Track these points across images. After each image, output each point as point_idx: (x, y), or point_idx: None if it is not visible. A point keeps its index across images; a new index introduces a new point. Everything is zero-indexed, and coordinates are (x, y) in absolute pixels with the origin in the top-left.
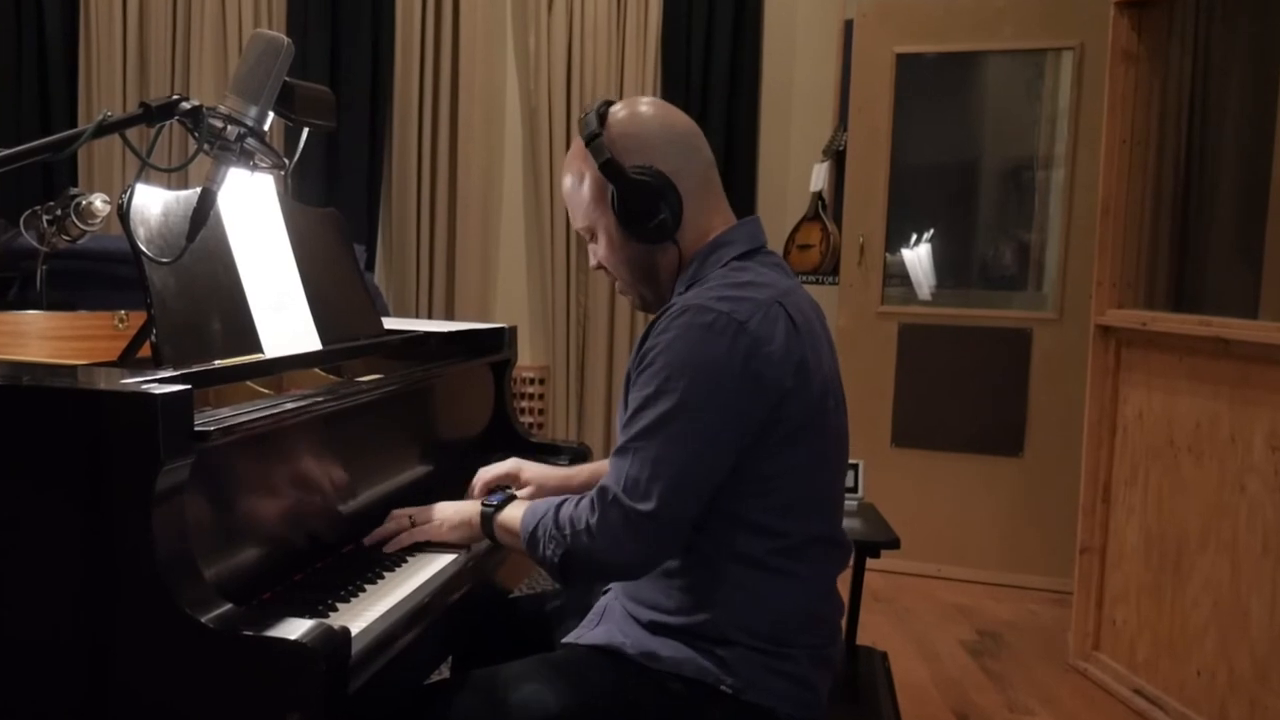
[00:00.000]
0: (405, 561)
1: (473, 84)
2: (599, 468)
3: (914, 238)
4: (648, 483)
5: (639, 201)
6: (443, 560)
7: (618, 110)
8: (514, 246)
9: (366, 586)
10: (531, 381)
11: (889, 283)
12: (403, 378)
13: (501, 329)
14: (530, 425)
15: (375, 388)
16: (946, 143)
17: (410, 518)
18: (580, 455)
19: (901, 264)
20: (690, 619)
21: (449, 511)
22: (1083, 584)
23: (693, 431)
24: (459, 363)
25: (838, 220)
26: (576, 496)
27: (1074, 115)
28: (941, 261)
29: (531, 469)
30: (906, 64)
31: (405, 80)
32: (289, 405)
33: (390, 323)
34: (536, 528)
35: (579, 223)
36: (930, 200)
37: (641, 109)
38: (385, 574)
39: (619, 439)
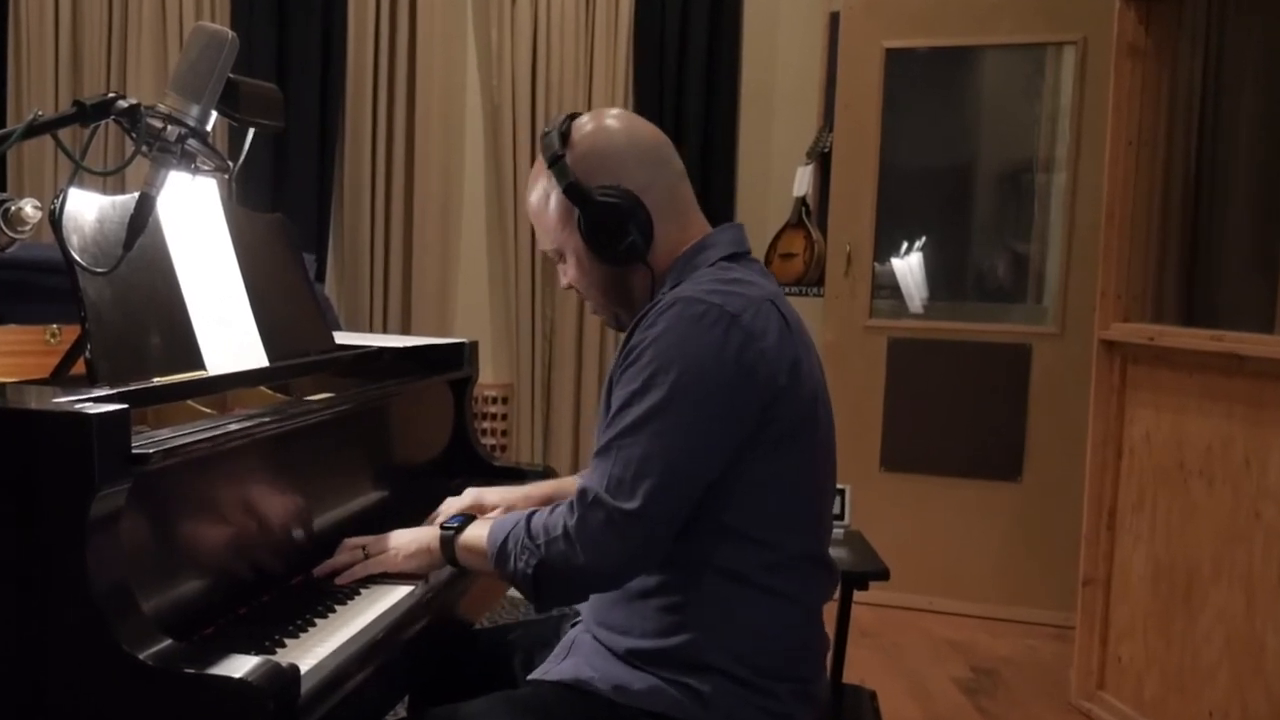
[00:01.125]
0: (359, 594)
1: (431, 81)
2: (563, 483)
3: (904, 246)
4: (633, 480)
5: (606, 224)
6: (399, 592)
7: (582, 125)
8: (475, 255)
9: (317, 621)
10: (494, 401)
11: (878, 294)
12: (355, 397)
13: (461, 344)
14: (493, 447)
15: (326, 407)
16: (939, 144)
17: (364, 548)
18: (545, 479)
19: (891, 274)
20: (668, 641)
21: (405, 539)
22: (1086, 618)
23: (682, 426)
24: (416, 380)
25: (823, 227)
26: (549, 506)
27: (1076, 115)
28: (934, 272)
29: (493, 493)
30: (896, 59)
31: (358, 77)
32: (233, 426)
33: (342, 337)
34: (506, 540)
35: (546, 244)
36: (922, 206)
37: (607, 123)
38: (337, 607)
39: (599, 439)
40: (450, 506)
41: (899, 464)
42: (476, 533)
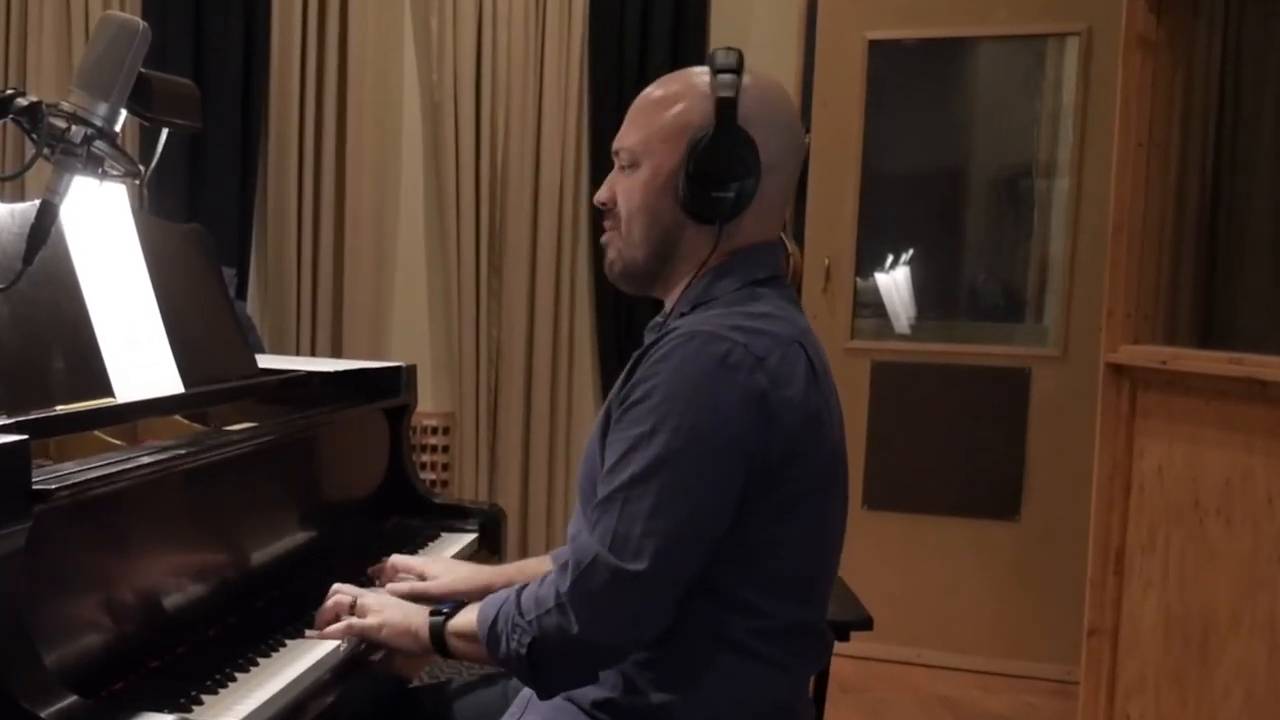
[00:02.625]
0: (284, 645)
1: (364, 76)
2: (530, 566)
3: (889, 259)
4: (641, 538)
5: (721, 163)
6: (326, 645)
7: (758, 70)
8: (413, 270)
9: (237, 675)
10: (434, 431)
11: (860, 313)
12: (280, 426)
13: (398, 368)
14: (432, 483)
15: (248, 438)
16: (928, 146)
17: (352, 605)
18: (492, 519)
19: (875, 291)
20: (644, 699)
21: (395, 616)
22: (1091, 672)
23: (696, 477)
24: (347, 408)
25: (799, 239)
26: (541, 577)
27: (1080, 113)
28: (923, 288)
29: (444, 561)
30: (881, 53)
31: (283, 71)
32: (145, 459)
33: (265, 361)
34: (496, 619)
35: (629, 141)
36: (909, 215)
37: (777, 85)
38: (260, 660)
39: (600, 489)
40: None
41: (884, 501)
42: (467, 617)
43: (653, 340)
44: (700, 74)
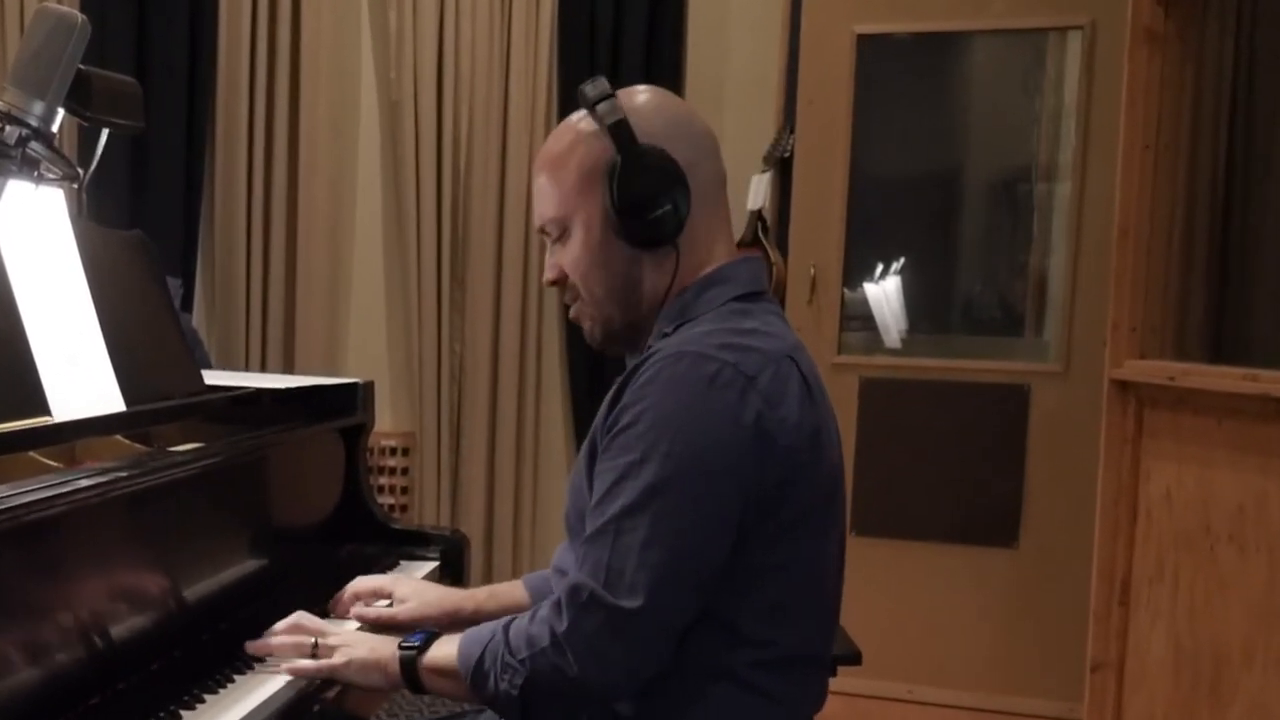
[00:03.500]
0: (232, 681)
1: (318, 73)
2: (502, 591)
3: (879, 269)
4: (635, 572)
5: (646, 182)
6: (277, 681)
7: (630, 89)
8: (370, 281)
9: (182, 713)
10: (393, 452)
11: (848, 326)
12: (228, 448)
13: (355, 385)
14: (391, 507)
15: (193, 460)
16: (921, 148)
17: (317, 641)
18: (454, 546)
19: (864, 302)
20: None
21: (361, 650)
22: (1095, 709)
23: (692, 506)
24: (300, 428)
25: (782, 246)
26: (530, 611)
27: (1083, 113)
28: (915, 299)
29: (409, 582)
30: (870, 48)
31: (231, 68)
32: (83, 482)
33: (212, 377)
34: (483, 657)
35: (549, 212)
36: (900, 221)
37: (661, 93)
38: (206, 696)
39: (589, 522)
40: (361, 584)
41: (873, 527)
42: (444, 651)
43: (638, 363)
44: (580, 117)
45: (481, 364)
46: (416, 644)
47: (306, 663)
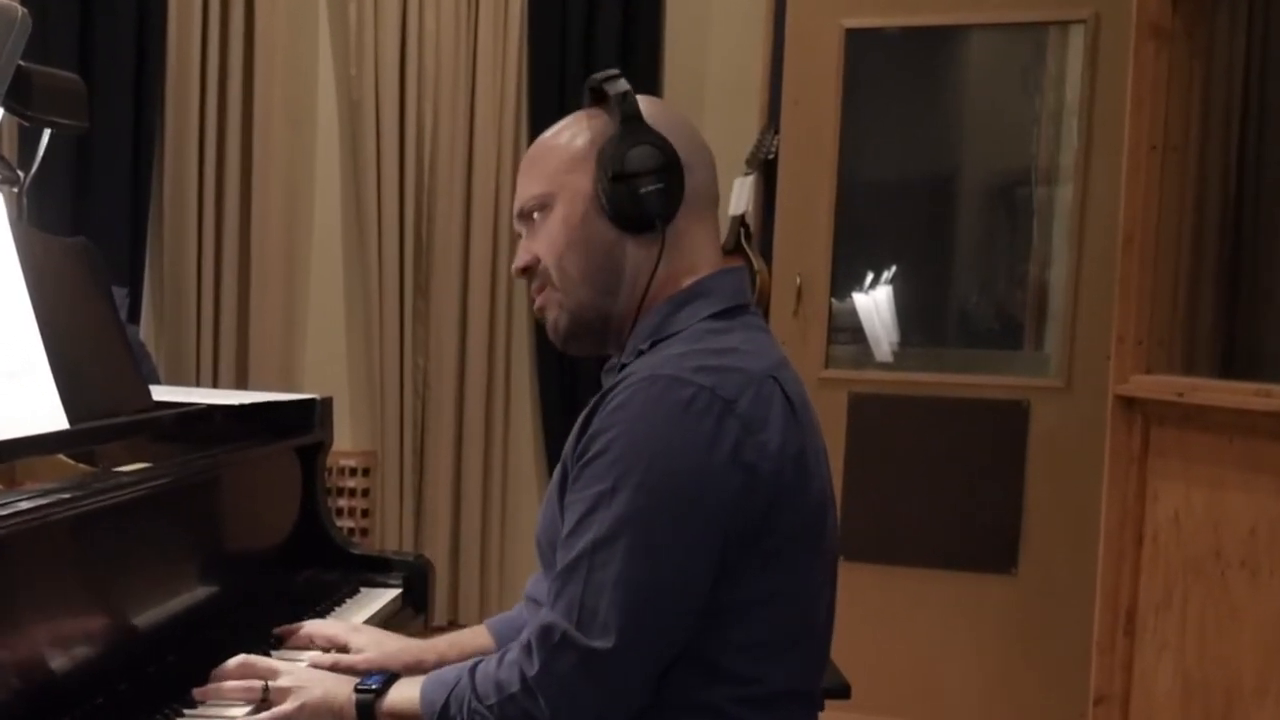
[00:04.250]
0: (181, 716)
1: (273, 70)
2: (465, 639)
3: (869, 278)
4: (608, 611)
5: (641, 154)
6: (234, 713)
7: (641, 98)
8: (329, 291)
9: None
10: (353, 472)
11: (836, 338)
12: (178, 467)
13: (312, 401)
14: (351, 531)
15: (140, 481)
16: (914, 150)
17: (266, 685)
18: (417, 572)
19: (853, 313)
20: None
21: (315, 693)
22: None
23: (665, 539)
24: (254, 446)
25: (766, 254)
26: (497, 654)
27: (1086, 112)
28: (907, 310)
29: (369, 632)
30: (859, 43)
31: (181, 65)
32: (24, 505)
33: (161, 393)
34: (448, 703)
35: (533, 188)
36: (892, 228)
37: (664, 101)
38: None
39: (561, 555)
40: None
41: (862, 552)
42: (405, 694)
43: (609, 386)
44: (582, 111)
45: (446, 378)
46: (374, 686)
47: (262, 714)
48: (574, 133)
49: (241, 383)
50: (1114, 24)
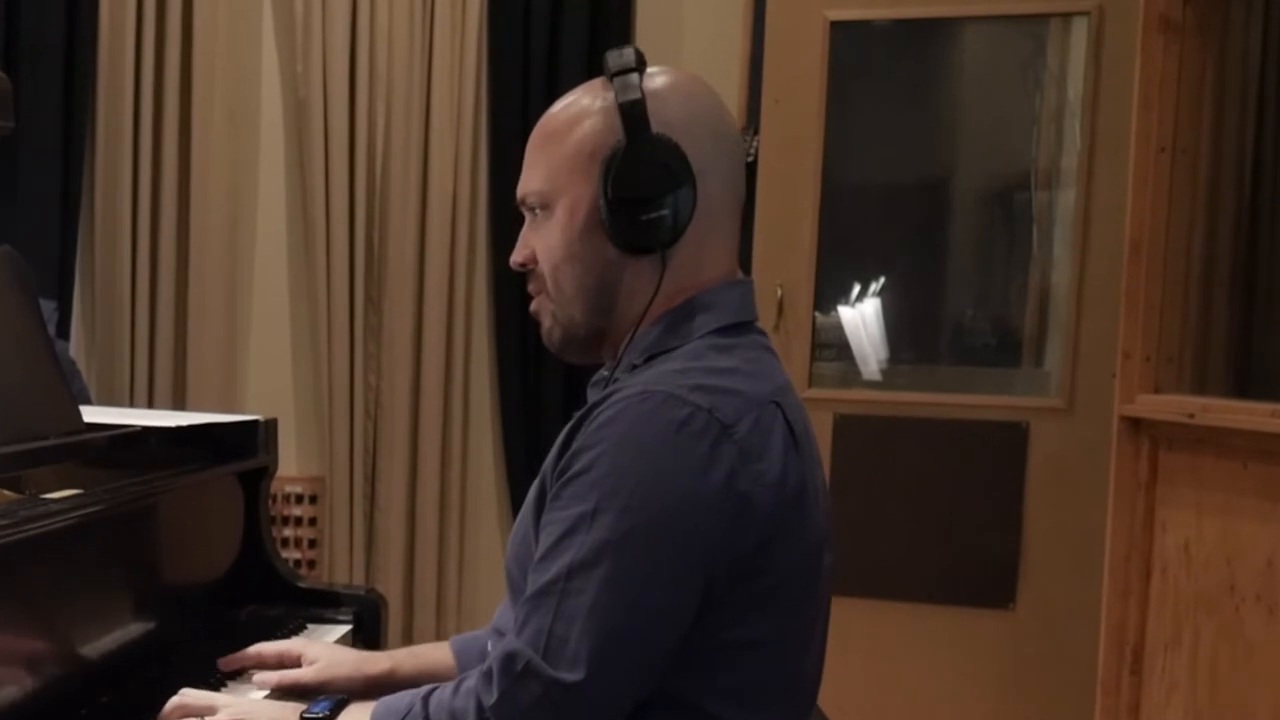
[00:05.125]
0: None
1: (213, 67)
2: (425, 652)
3: (856, 290)
4: (578, 641)
5: (646, 177)
6: None
7: (660, 69)
8: (273, 303)
9: None
10: (299, 500)
11: (820, 355)
12: (111, 495)
13: (255, 423)
14: (297, 563)
15: (71, 509)
16: (904, 152)
17: None
18: (369, 607)
19: (838, 328)
20: None
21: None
22: None
23: (647, 569)
24: (193, 472)
25: (745, 265)
26: (455, 681)
27: (1089, 111)
28: (897, 325)
29: (321, 646)
30: (845, 36)
31: (114, 62)
32: None
33: (92, 414)
34: None
35: (535, 184)
36: (880, 235)
37: (691, 80)
38: None
39: (532, 579)
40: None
41: (848, 586)
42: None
43: (597, 399)
44: (599, 84)
45: (400, 398)
46: (322, 714)
47: None
48: (584, 120)
49: (179, 403)
50: (1120, 16)
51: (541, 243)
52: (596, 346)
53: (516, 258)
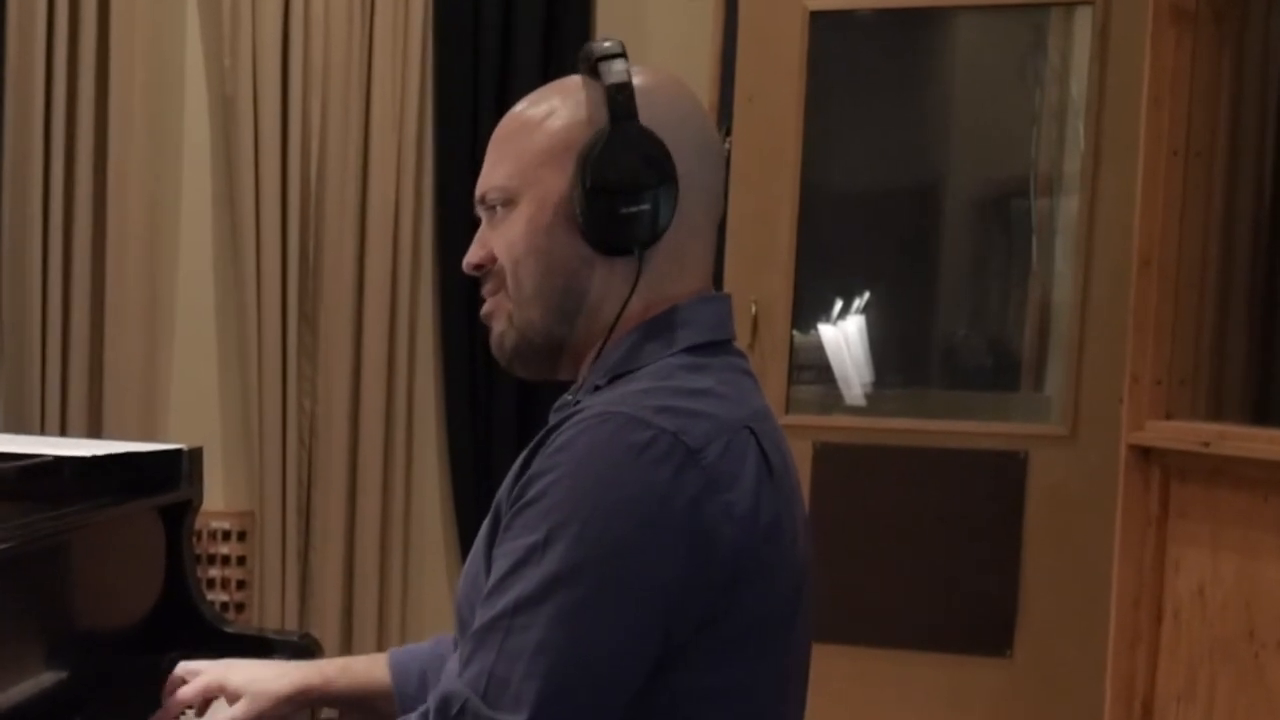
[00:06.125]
0: None
1: (131, 61)
2: (359, 667)
3: (838, 306)
4: (522, 682)
5: (629, 165)
6: None
7: (642, 68)
8: (198, 320)
9: None
10: (226, 536)
11: (798, 377)
12: (18, 530)
13: (178, 452)
14: (225, 605)
15: None
16: (892, 155)
17: None
18: (304, 653)
19: (819, 348)
20: None
21: None
22: None
23: (600, 606)
24: (109, 505)
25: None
26: None
27: (1095, 109)
28: (883, 344)
29: (241, 670)
30: (826, 28)
31: (23, 55)
32: None
33: None
34: None
35: (497, 178)
36: (865, 247)
37: (677, 83)
38: None
39: (479, 614)
40: (186, 691)
41: (829, 631)
42: None
43: (556, 422)
44: (575, 79)
45: (337, 424)
46: None
47: None
48: (558, 111)
49: (95, 430)
50: (1128, 5)
51: (502, 239)
52: (553, 360)
53: (472, 258)
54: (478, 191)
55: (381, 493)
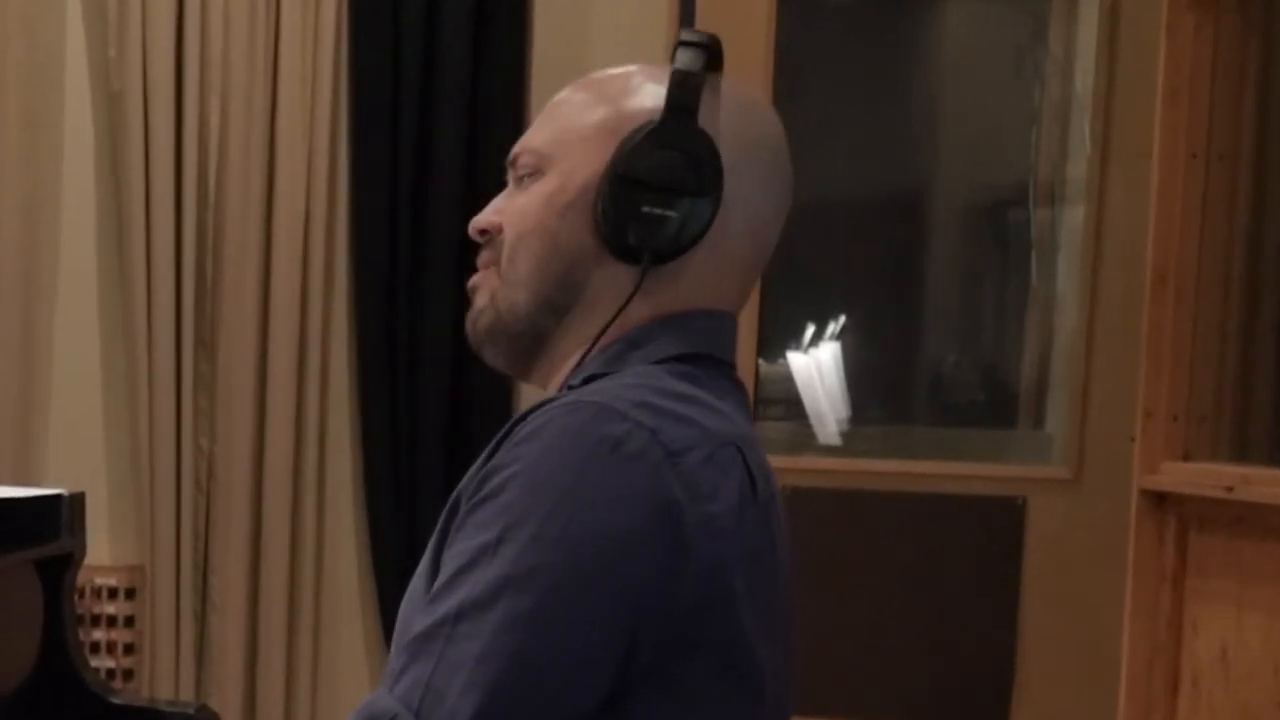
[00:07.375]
0: None
1: (4, 52)
2: None
3: (810, 332)
4: (460, 696)
5: (665, 164)
6: None
7: (737, 81)
8: (79, 347)
9: None
10: (113, 594)
11: (764, 413)
12: None
13: (57, 498)
14: (110, 673)
15: None
16: (872, 159)
17: None
18: None
19: (787, 379)
20: None
21: None
22: None
23: (553, 614)
24: None
25: None
26: None
27: (1102, 108)
28: (861, 375)
29: None
30: (798, 13)
31: None
32: None
33: None
34: None
35: (541, 136)
36: (841, 263)
37: (766, 105)
38: None
39: (418, 621)
40: None
41: (803, 702)
42: None
43: (525, 411)
44: (661, 69)
45: (239, 466)
46: None
47: None
48: (627, 99)
49: None
50: None
51: (515, 210)
52: (528, 353)
53: (480, 222)
54: (513, 150)
55: (289, 545)
